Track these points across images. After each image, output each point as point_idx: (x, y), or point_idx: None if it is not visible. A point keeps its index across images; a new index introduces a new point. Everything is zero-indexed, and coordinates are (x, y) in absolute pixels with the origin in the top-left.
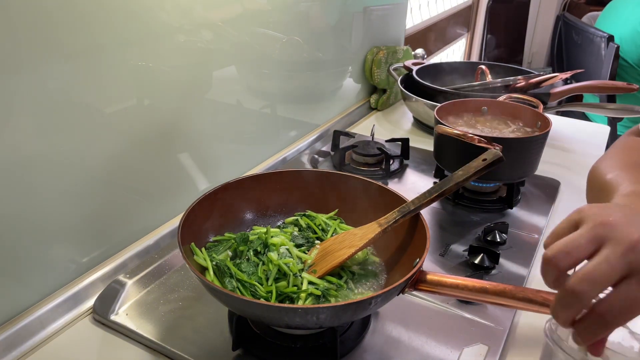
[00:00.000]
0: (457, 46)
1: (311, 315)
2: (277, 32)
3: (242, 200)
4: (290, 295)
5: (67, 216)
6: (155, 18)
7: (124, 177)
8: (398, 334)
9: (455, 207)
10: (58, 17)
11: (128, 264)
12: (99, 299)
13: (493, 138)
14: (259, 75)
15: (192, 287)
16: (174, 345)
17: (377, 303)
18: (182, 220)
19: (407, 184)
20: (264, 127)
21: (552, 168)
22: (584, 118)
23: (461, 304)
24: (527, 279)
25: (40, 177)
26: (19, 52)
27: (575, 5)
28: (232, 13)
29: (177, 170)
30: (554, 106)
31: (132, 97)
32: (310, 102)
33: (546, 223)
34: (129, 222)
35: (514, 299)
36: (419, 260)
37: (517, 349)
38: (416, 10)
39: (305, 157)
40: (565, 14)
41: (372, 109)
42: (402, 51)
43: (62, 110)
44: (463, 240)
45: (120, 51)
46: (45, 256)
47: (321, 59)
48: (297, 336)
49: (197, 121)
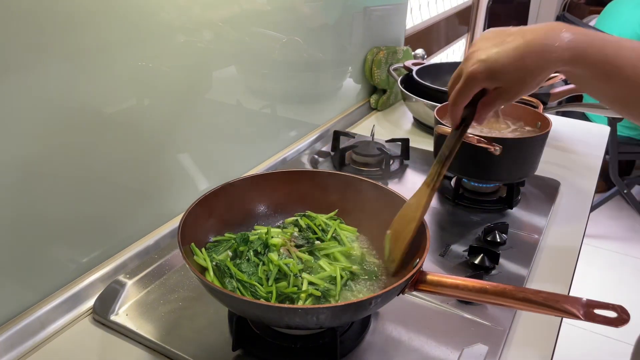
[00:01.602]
0: (457, 46)
1: (311, 316)
2: (277, 32)
3: (242, 201)
4: (290, 296)
5: (67, 216)
6: (155, 18)
7: (124, 177)
8: (398, 334)
9: (455, 207)
10: (58, 17)
11: (128, 264)
12: (99, 299)
13: (493, 138)
14: (259, 75)
15: (192, 287)
16: (174, 346)
17: (377, 303)
18: (182, 221)
19: (407, 184)
20: (264, 127)
21: (552, 168)
22: (584, 118)
23: (461, 304)
24: (527, 279)
25: (40, 177)
26: (19, 52)
27: (575, 5)
28: (232, 13)
29: (177, 170)
30: (554, 106)
31: (132, 97)
32: (310, 102)
33: (546, 223)
34: (129, 222)
35: (514, 299)
36: (419, 260)
37: (517, 349)
38: (416, 10)
39: (305, 157)
40: (565, 14)
41: (372, 109)
42: (402, 51)
43: (62, 110)
44: (463, 240)
45: (120, 51)
46: (45, 256)
47: (321, 59)
48: (297, 336)
49: (197, 121)
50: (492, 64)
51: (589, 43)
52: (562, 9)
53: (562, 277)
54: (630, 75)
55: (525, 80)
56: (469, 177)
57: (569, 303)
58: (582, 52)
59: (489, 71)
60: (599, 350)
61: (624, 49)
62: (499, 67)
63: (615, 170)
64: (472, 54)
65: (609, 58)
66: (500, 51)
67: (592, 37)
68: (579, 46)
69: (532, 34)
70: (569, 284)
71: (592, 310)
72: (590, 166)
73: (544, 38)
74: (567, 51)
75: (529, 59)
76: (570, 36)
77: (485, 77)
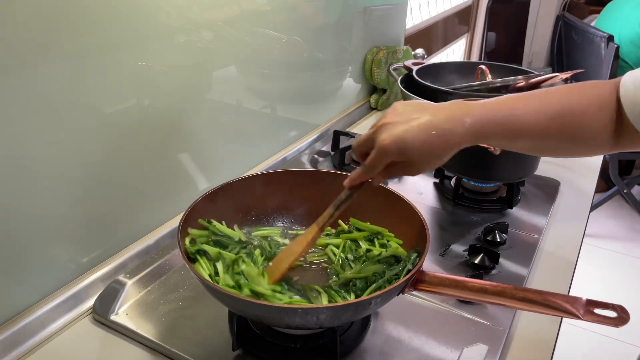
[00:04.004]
0: (457, 46)
1: (311, 316)
2: (277, 32)
3: (242, 200)
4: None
5: (67, 216)
6: (155, 18)
7: (124, 177)
8: (398, 334)
9: (455, 207)
10: (57, 17)
11: (128, 264)
12: (99, 299)
13: None
14: (259, 75)
15: (192, 287)
16: (174, 345)
17: (377, 303)
18: (182, 220)
19: (407, 184)
20: (264, 127)
21: (552, 168)
22: None
23: (461, 304)
24: (527, 279)
25: (40, 177)
26: (19, 52)
27: (575, 5)
28: (232, 13)
29: (177, 170)
30: None
31: (132, 97)
32: (310, 102)
33: (546, 223)
34: (129, 222)
35: (514, 299)
36: (419, 260)
37: (517, 349)
38: (416, 10)
39: (305, 157)
40: (565, 14)
41: (372, 109)
42: (402, 51)
43: (62, 110)
44: (463, 240)
45: (120, 51)
46: (45, 256)
47: (321, 59)
48: (297, 336)
49: (197, 121)
50: (402, 142)
51: (488, 120)
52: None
53: (562, 276)
54: (529, 134)
55: (430, 161)
56: (469, 177)
57: (569, 303)
58: (482, 132)
59: (400, 148)
60: (599, 350)
61: (519, 113)
62: (409, 146)
63: (615, 169)
64: (384, 126)
65: (509, 126)
66: (408, 129)
67: (490, 113)
68: (480, 127)
69: (436, 116)
70: (569, 283)
71: (592, 310)
72: (590, 166)
73: (448, 123)
74: (468, 134)
75: (434, 143)
76: (470, 120)
77: (396, 152)
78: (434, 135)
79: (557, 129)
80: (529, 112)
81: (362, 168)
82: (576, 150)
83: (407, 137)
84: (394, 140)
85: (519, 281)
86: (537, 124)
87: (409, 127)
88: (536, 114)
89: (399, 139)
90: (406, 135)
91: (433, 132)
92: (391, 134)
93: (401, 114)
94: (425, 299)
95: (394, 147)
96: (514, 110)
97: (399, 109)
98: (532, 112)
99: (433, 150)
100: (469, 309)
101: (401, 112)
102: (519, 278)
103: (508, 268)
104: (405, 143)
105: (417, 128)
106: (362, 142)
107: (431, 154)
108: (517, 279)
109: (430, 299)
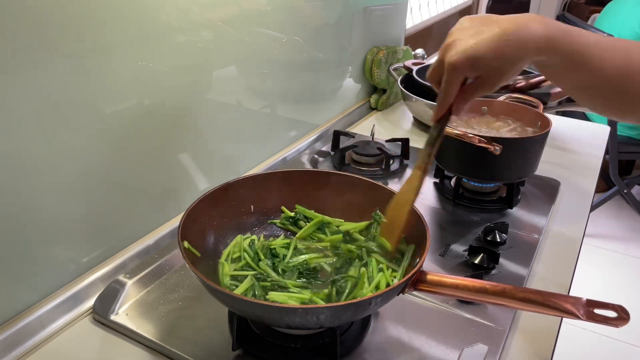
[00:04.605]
0: None
1: (311, 316)
2: (277, 32)
3: (242, 200)
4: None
5: (67, 216)
6: (155, 18)
7: (124, 177)
8: (398, 334)
9: (455, 207)
10: (57, 17)
11: (128, 264)
12: (99, 299)
13: (493, 138)
14: (259, 75)
15: (192, 287)
16: (174, 345)
17: (377, 303)
18: (182, 220)
19: None
20: (263, 127)
21: (552, 168)
22: (584, 118)
23: (461, 304)
24: (527, 279)
25: (40, 177)
26: (19, 52)
27: (575, 5)
28: (232, 13)
29: (178, 170)
30: (554, 106)
31: (132, 97)
32: (310, 102)
33: (546, 223)
34: (129, 222)
35: (514, 299)
36: (419, 260)
37: (517, 349)
38: (416, 10)
39: (305, 157)
40: (565, 14)
41: (372, 109)
42: (402, 51)
43: (62, 110)
44: (463, 240)
45: (120, 51)
46: (45, 256)
47: (321, 59)
48: (297, 336)
49: (197, 121)
50: (473, 54)
51: (563, 34)
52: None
53: (562, 277)
54: (595, 66)
55: (504, 70)
56: (469, 177)
57: (569, 303)
58: (556, 42)
59: (470, 61)
60: (599, 350)
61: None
62: (480, 57)
63: (615, 169)
64: (451, 43)
65: (582, 47)
66: (479, 41)
67: (564, 28)
68: (554, 36)
69: (508, 23)
70: (569, 284)
71: (592, 310)
72: (590, 166)
73: (521, 28)
74: (543, 41)
75: (507, 48)
76: (545, 27)
77: (468, 67)
78: (507, 42)
79: (618, 79)
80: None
81: (439, 96)
82: (625, 109)
83: (477, 49)
84: (462, 54)
85: (519, 281)
86: (602, 62)
87: (478, 40)
88: (610, 53)
89: (468, 52)
90: (476, 47)
91: (505, 40)
92: (457, 50)
93: (467, 29)
94: (425, 299)
95: (464, 60)
96: (590, 36)
97: (465, 24)
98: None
99: (506, 56)
100: (469, 309)
101: (467, 26)
102: (519, 278)
103: (508, 268)
104: (476, 54)
105: (488, 39)
106: (434, 69)
107: (505, 61)
108: (517, 279)
109: (430, 299)
